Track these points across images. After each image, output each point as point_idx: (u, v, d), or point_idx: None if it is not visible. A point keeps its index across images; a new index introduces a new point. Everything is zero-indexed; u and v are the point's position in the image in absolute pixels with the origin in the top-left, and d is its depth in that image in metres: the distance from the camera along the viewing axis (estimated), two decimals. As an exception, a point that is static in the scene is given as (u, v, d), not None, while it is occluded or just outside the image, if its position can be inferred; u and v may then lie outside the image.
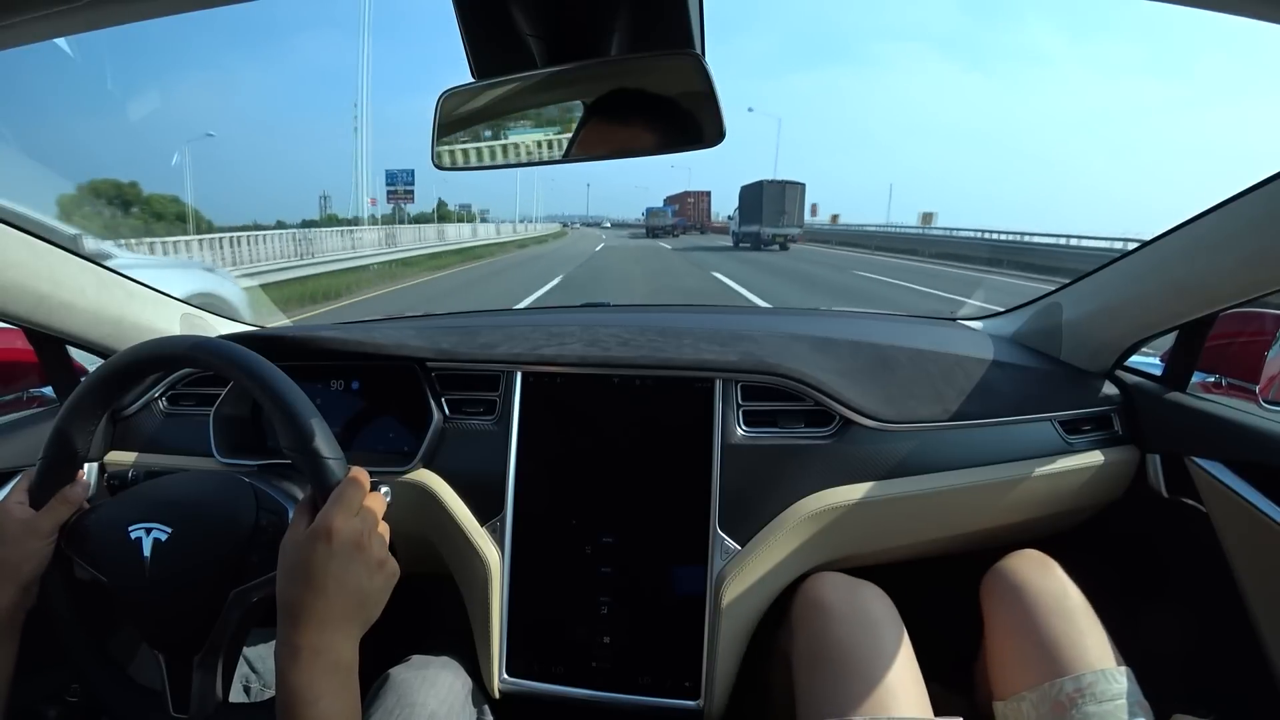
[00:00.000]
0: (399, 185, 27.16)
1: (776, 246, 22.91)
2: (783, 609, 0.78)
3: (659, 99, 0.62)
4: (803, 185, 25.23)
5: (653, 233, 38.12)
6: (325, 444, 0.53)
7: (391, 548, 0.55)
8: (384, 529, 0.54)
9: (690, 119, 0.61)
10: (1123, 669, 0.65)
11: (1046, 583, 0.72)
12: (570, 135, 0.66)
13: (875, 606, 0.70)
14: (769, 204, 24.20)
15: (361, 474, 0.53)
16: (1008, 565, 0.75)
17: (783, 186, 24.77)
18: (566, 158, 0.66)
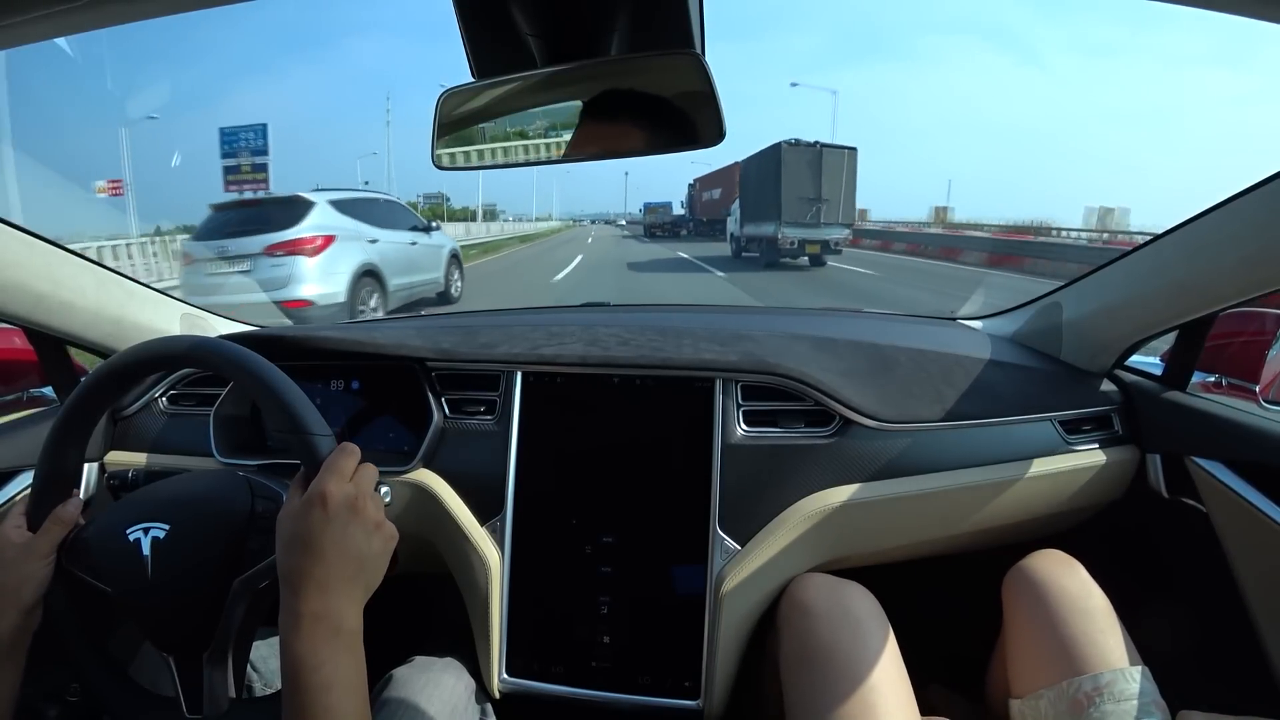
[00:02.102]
0: (242, 155, 15.07)
1: (805, 260, 12.70)
2: (771, 612, 0.78)
3: (659, 99, 0.62)
4: (851, 152, 13.20)
5: (651, 232, 30.14)
6: (313, 422, 0.54)
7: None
8: (378, 495, 0.54)
9: (690, 118, 0.61)
10: (1139, 668, 0.66)
11: (1070, 582, 0.72)
12: (570, 134, 0.66)
13: (859, 606, 0.71)
14: (793, 185, 12.59)
15: (351, 446, 0.54)
16: (1031, 564, 0.75)
17: (818, 153, 12.95)
18: (566, 157, 0.66)
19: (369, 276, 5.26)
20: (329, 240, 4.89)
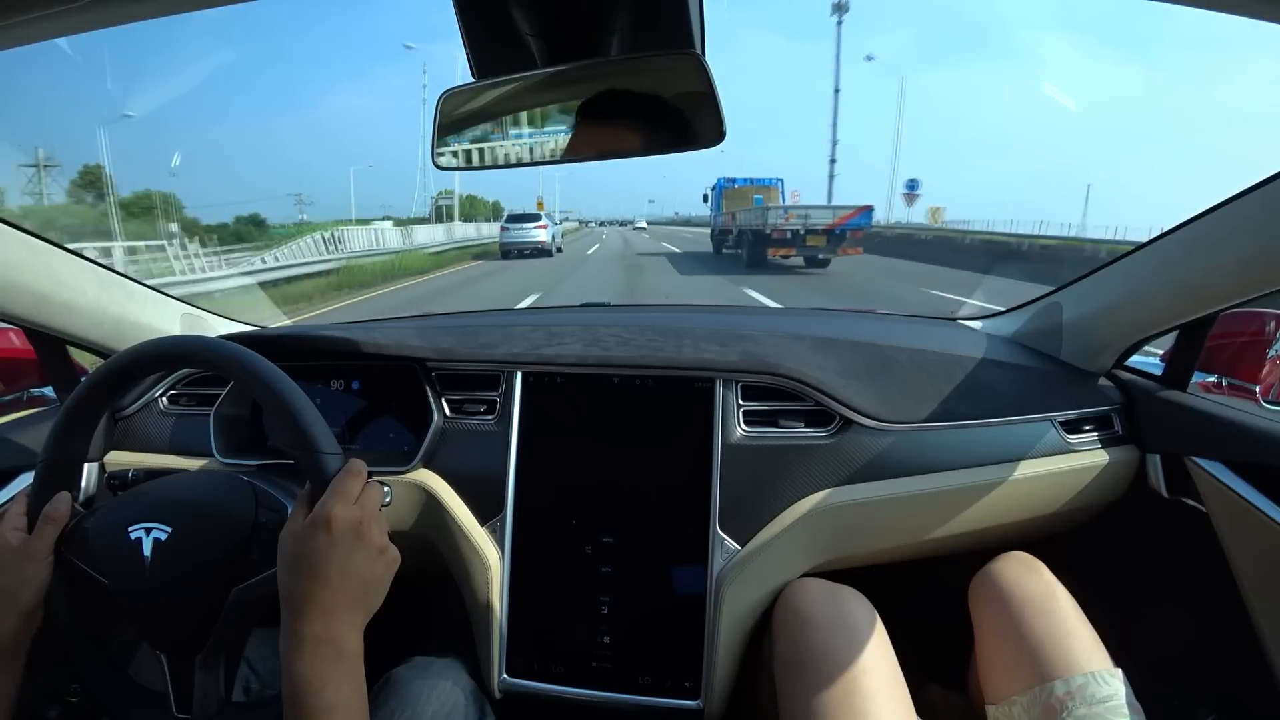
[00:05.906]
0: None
1: None
2: (771, 613, 0.78)
3: (659, 99, 0.62)
4: None
5: (720, 245, 17.49)
6: (322, 439, 0.54)
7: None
8: (382, 518, 0.54)
9: (690, 119, 0.61)
10: (1114, 671, 0.65)
11: (1033, 585, 0.72)
12: (570, 135, 0.66)
13: (855, 612, 0.70)
14: None
15: (358, 464, 0.54)
16: (994, 568, 0.75)
17: None
18: (566, 158, 0.66)
19: (552, 239, 17.21)
20: (545, 226, 16.96)
